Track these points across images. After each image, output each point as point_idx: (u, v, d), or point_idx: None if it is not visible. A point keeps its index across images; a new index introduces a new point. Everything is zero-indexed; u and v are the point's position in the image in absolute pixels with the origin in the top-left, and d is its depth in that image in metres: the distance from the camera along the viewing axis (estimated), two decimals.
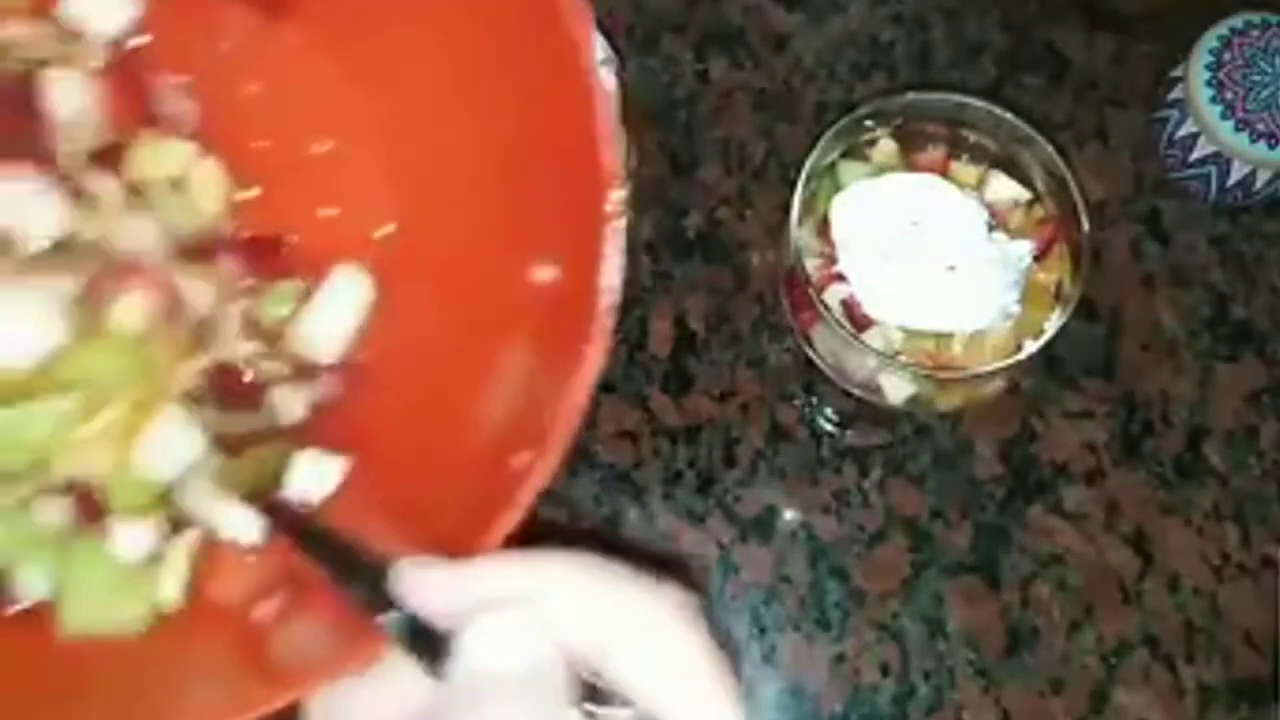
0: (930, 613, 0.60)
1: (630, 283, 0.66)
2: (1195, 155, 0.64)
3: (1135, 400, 0.64)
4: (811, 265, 0.50)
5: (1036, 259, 0.51)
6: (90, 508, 0.34)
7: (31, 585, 0.33)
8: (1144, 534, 0.61)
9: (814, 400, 0.64)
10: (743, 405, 0.63)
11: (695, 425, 0.63)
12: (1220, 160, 0.63)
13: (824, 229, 0.51)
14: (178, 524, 0.36)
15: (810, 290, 0.49)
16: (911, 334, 0.50)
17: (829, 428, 0.63)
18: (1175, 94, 0.64)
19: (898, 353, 0.50)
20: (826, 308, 0.48)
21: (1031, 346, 0.48)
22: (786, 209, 0.50)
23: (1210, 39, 0.63)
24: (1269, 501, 0.62)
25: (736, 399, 0.63)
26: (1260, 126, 0.61)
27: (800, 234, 0.50)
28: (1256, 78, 0.61)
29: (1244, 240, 0.67)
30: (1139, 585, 0.60)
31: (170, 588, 0.34)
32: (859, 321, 0.50)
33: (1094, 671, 0.59)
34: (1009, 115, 0.51)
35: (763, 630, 0.60)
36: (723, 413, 0.63)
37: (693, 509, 0.61)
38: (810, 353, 0.53)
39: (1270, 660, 0.59)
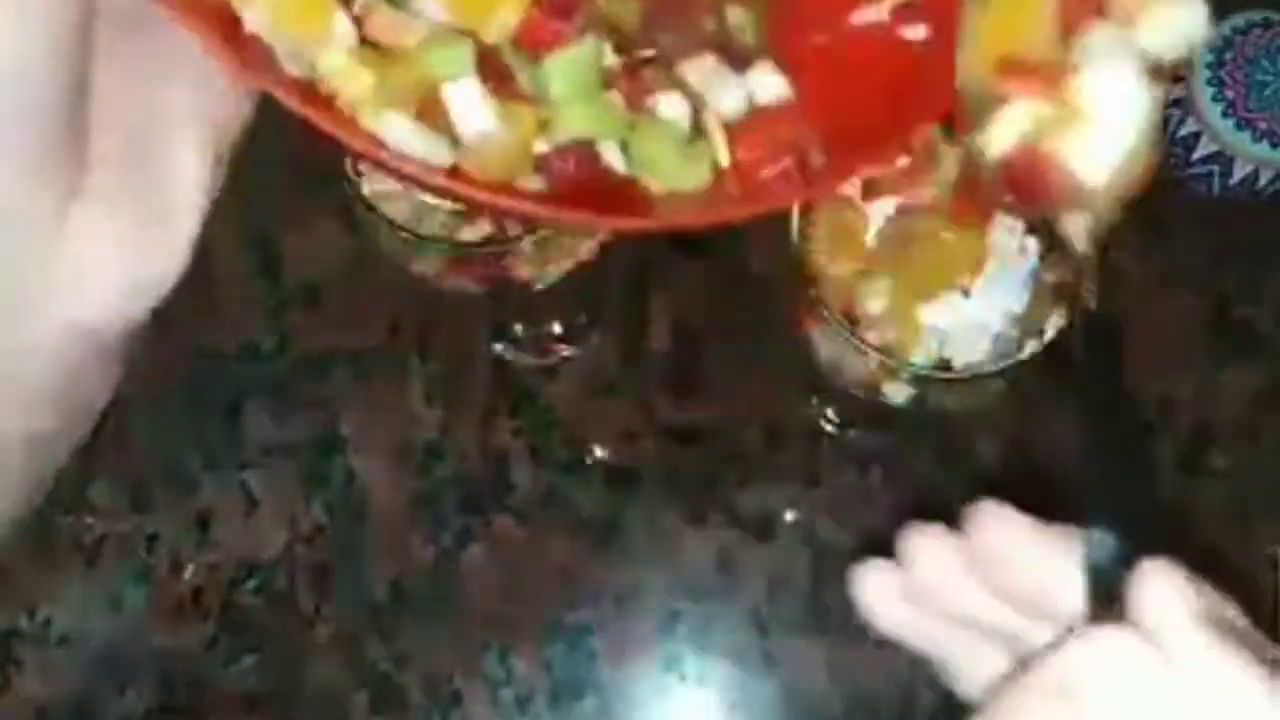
0: None
1: (630, 282, 0.66)
2: (1197, 154, 0.64)
3: (1135, 400, 0.63)
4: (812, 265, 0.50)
5: (1038, 259, 0.51)
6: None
7: (613, 160, 0.36)
8: None
9: (814, 400, 0.63)
10: (743, 405, 0.63)
11: (695, 425, 0.63)
12: (1222, 159, 0.63)
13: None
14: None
15: (811, 290, 0.48)
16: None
17: (829, 428, 0.63)
18: (1176, 94, 0.64)
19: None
20: (827, 308, 0.48)
21: (1031, 346, 0.48)
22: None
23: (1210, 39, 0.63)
24: (1269, 501, 0.62)
25: (736, 399, 0.63)
26: (1262, 125, 0.61)
27: (800, 234, 0.50)
28: (1258, 77, 0.61)
29: (1245, 240, 0.66)
30: None
31: (721, 150, 0.37)
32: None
33: None
34: None
35: (763, 630, 0.59)
36: (723, 413, 0.63)
37: (693, 509, 0.61)
38: (810, 353, 0.53)
39: None
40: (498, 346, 0.65)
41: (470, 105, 0.33)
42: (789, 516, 0.61)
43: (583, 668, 0.59)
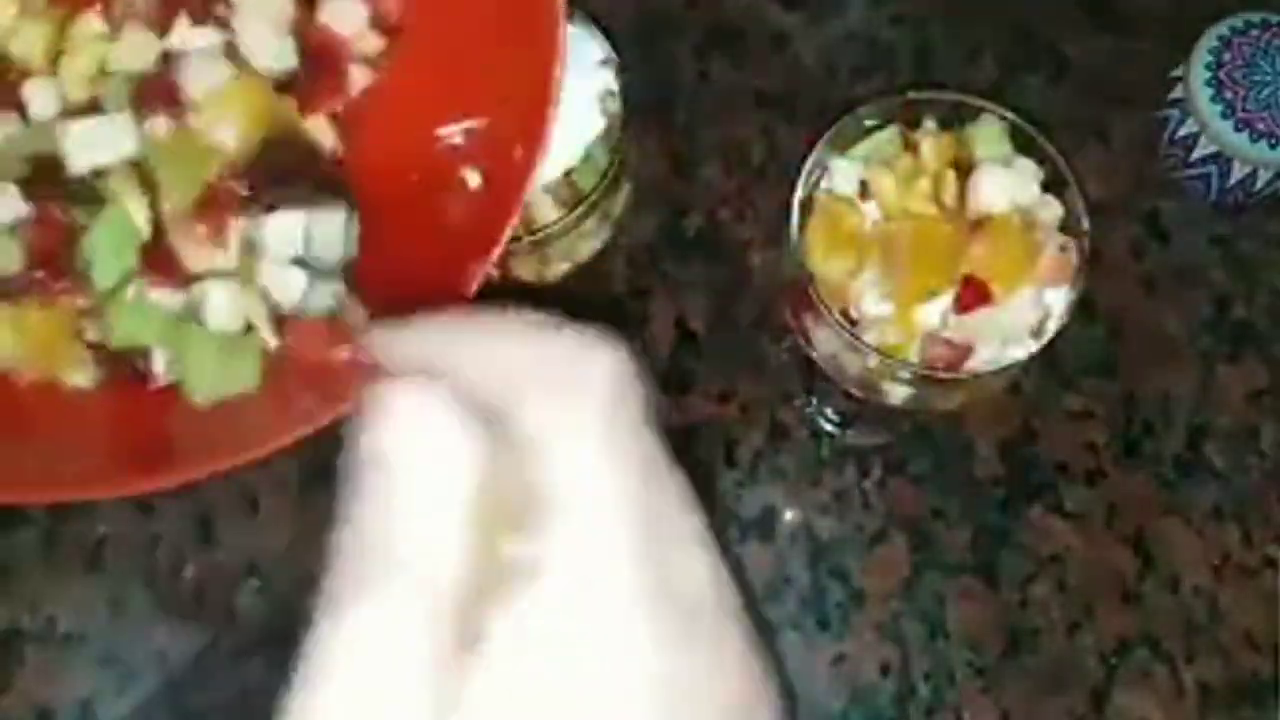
0: (930, 613, 0.60)
1: (630, 282, 0.66)
2: (1196, 155, 0.64)
3: (1135, 400, 0.63)
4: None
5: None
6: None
7: (160, 367, 0.37)
8: (1144, 534, 0.61)
9: (814, 400, 0.64)
10: (743, 405, 0.63)
11: (695, 425, 0.63)
12: (1221, 160, 0.63)
13: None
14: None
15: (811, 290, 0.49)
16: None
17: (829, 428, 0.63)
18: (1175, 94, 0.64)
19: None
20: (827, 308, 0.48)
21: (1032, 346, 0.48)
22: (786, 209, 0.50)
23: (1210, 39, 0.63)
24: (1269, 501, 0.62)
25: (736, 399, 0.63)
26: (1261, 126, 0.61)
27: (800, 234, 0.50)
28: (1257, 77, 0.61)
29: (1244, 240, 0.67)
30: (1139, 585, 0.60)
31: (268, 333, 0.38)
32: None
33: (1094, 671, 0.59)
34: (1009, 115, 0.51)
35: (763, 629, 0.59)
36: (723, 413, 0.63)
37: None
38: (810, 353, 0.53)
39: (1270, 660, 0.59)
40: None
41: None
42: (789, 516, 0.62)
43: None
